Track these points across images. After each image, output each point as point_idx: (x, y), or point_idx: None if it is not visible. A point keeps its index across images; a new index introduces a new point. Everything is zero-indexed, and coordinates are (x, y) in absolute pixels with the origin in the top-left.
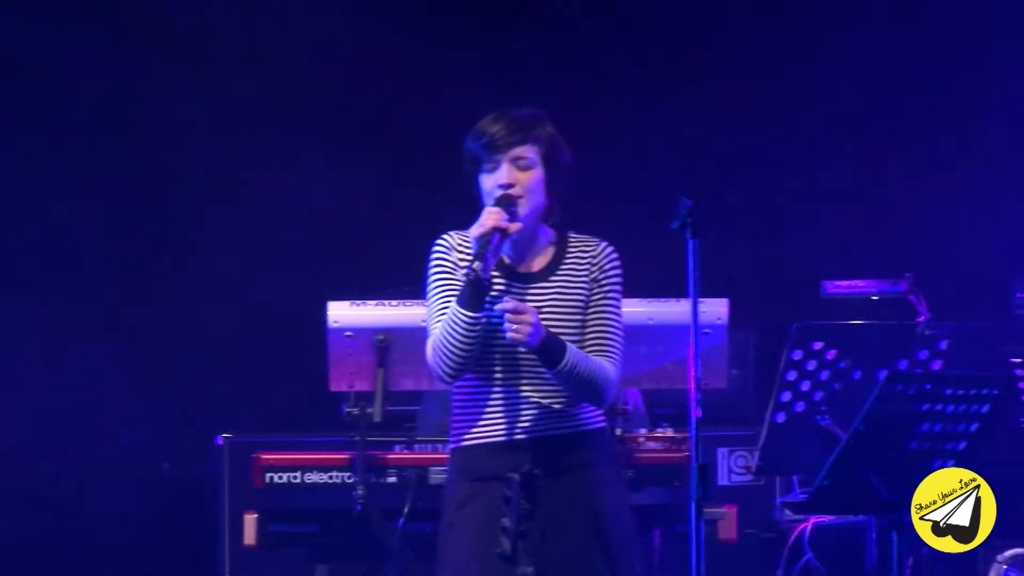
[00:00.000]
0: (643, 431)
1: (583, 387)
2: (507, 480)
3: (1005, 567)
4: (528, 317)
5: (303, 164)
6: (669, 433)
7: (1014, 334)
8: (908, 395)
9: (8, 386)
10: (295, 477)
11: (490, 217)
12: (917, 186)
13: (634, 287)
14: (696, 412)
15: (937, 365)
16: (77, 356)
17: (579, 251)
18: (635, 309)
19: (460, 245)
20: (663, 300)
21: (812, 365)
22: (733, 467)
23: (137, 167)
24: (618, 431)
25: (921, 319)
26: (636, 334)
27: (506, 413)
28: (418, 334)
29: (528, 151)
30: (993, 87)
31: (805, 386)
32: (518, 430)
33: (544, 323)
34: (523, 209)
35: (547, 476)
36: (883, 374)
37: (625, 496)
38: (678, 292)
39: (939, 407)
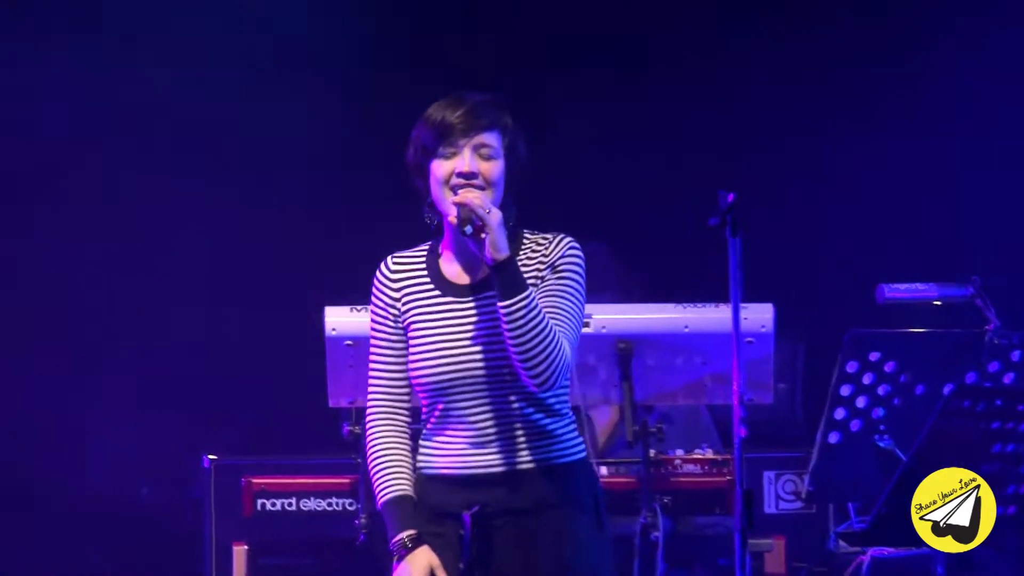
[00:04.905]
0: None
1: (535, 342)
2: (462, 519)
3: None
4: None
5: (294, 165)
6: (709, 455)
7: None
8: (977, 412)
9: None
10: (290, 504)
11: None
12: (984, 181)
13: (669, 292)
14: (740, 431)
15: (1009, 379)
16: (41, 366)
17: (530, 250)
18: (670, 316)
19: (397, 269)
20: (701, 306)
21: (869, 379)
22: (781, 493)
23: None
24: (652, 452)
25: (990, 327)
26: (671, 344)
27: (467, 445)
28: None
29: (493, 139)
30: None
31: (862, 402)
32: (479, 463)
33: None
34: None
35: (505, 516)
36: (949, 388)
37: (598, 541)
38: (718, 297)
39: (1011, 425)
